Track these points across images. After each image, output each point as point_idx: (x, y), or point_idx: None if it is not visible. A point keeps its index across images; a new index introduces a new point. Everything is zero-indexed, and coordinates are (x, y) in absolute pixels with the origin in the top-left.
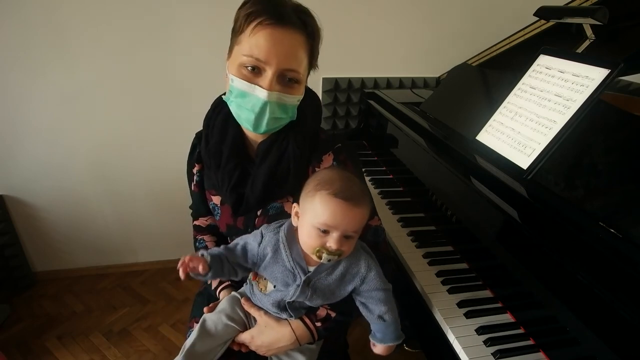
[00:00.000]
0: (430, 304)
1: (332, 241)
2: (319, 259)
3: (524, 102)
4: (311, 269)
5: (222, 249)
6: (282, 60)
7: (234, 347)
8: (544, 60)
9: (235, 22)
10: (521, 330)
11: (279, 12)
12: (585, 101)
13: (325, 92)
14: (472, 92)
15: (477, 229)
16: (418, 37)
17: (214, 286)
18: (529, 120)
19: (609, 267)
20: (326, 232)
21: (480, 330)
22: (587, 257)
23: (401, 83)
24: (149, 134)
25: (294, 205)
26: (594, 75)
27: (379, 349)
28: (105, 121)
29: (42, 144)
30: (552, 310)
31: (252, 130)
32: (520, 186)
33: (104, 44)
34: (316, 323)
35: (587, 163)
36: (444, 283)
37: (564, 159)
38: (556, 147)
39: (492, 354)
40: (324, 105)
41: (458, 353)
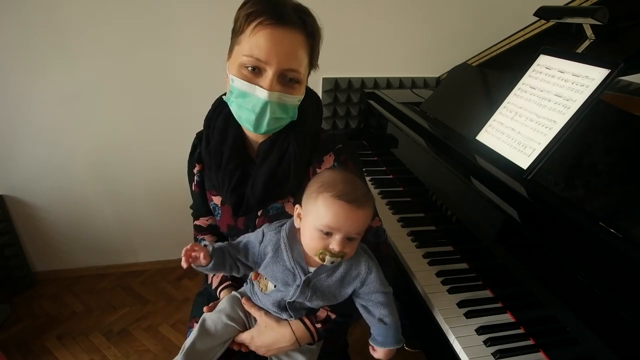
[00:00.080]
0: (430, 304)
1: (334, 243)
2: (322, 261)
3: (524, 102)
4: (311, 270)
5: (225, 243)
6: (282, 60)
7: (234, 347)
8: (544, 60)
9: (235, 22)
10: (521, 330)
11: (279, 12)
12: (585, 101)
13: (325, 92)
14: (472, 92)
15: (477, 229)
16: (418, 37)
17: (214, 285)
18: (529, 120)
19: (609, 267)
20: (329, 234)
21: (480, 330)
22: (587, 257)
23: (401, 83)
24: (149, 134)
25: (296, 206)
26: (594, 75)
27: (380, 354)
28: (105, 121)
29: (42, 144)
30: (552, 310)
31: (253, 131)
32: (520, 186)
33: (104, 44)
34: (316, 324)
35: (587, 163)
36: (444, 283)
37: (564, 159)
38: (556, 147)
39: (492, 354)
40: (324, 105)
41: (458, 353)
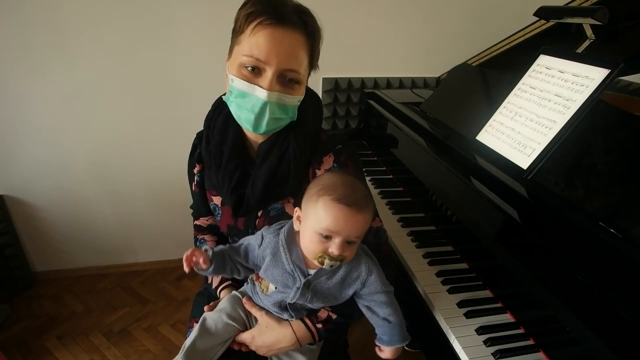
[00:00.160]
0: (430, 304)
1: (334, 247)
2: (321, 264)
3: (524, 102)
4: (311, 272)
5: (226, 247)
6: (282, 60)
7: (234, 346)
8: (544, 60)
9: (235, 22)
10: (521, 330)
11: (279, 12)
12: (585, 101)
13: (325, 92)
14: (472, 92)
15: (477, 229)
16: (418, 37)
17: (214, 285)
18: (529, 120)
19: (609, 267)
20: (328, 237)
21: (480, 330)
22: (587, 257)
23: (401, 83)
24: (149, 134)
25: (296, 209)
26: (594, 75)
27: (387, 353)
28: (105, 121)
29: (42, 144)
30: (552, 310)
31: (252, 131)
32: (520, 186)
33: (104, 44)
34: (317, 324)
35: (587, 163)
36: (444, 283)
37: (564, 159)
38: (556, 147)
39: (492, 354)
40: (324, 105)
41: (458, 353)
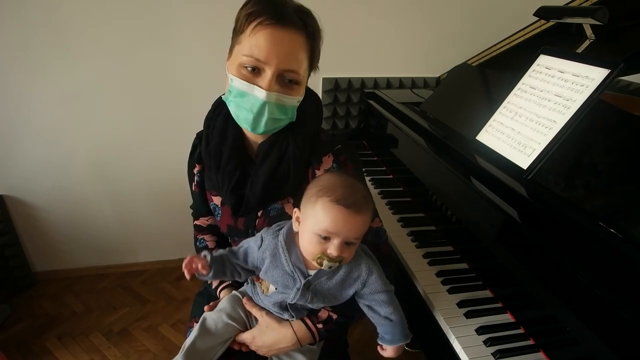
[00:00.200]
0: (430, 304)
1: (332, 248)
2: (320, 265)
3: (524, 102)
4: (311, 273)
5: (226, 250)
6: (282, 60)
7: (234, 346)
8: (544, 60)
9: (236, 22)
10: (521, 330)
11: (280, 12)
12: (585, 101)
13: (325, 92)
14: (472, 92)
15: (477, 229)
16: (418, 37)
17: (214, 285)
18: (529, 120)
19: (609, 267)
20: (327, 238)
21: (480, 330)
22: (587, 257)
23: (401, 83)
24: (149, 134)
25: (295, 210)
26: (594, 75)
27: (389, 352)
28: (105, 121)
29: (42, 144)
30: (552, 310)
31: (251, 131)
32: (520, 186)
33: (104, 44)
34: (318, 324)
35: (587, 163)
36: (444, 283)
37: (564, 159)
38: (556, 147)
39: (492, 354)
40: (324, 105)
41: (458, 353)
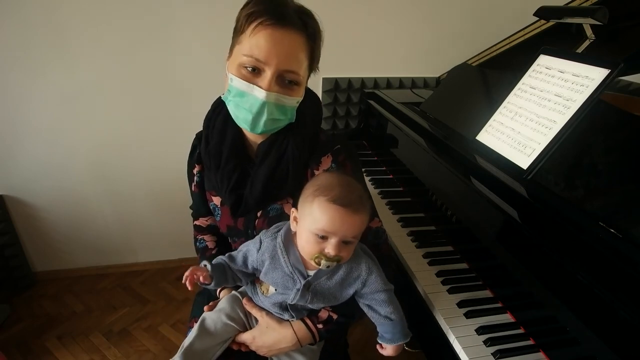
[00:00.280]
0: (430, 304)
1: (330, 247)
2: (318, 265)
3: (524, 102)
4: (311, 274)
5: (225, 257)
6: (282, 61)
7: (234, 346)
8: (544, 60)
9: (236, 22)
10: (521, 330)
11: (280, 13)
12: (585, 101)
13: (325, 92)
14: (472, 92)
15: (477, 229)
16: (418, 37)
17: None
18: (529, 120)
19: (609, 267)
20: (324, 238)
21: (480, 330)
22: (587, 257)
23: (401, 83)
24: (149, 134)
25: (293, 210)
26: (594, 75)
27: (389, 350)
28: (105, 121)
29: (42, 144)
30: (552, 310)
31: (250, 131)
32: (520, 186)
33: (104, 44)
34: (318, 325)
35: (587, 163)
36: (444, 283)
37: (564, 159)
38: (556, 147)
39: (492, 354)
40: (324, 105)
41: (458, 353)
